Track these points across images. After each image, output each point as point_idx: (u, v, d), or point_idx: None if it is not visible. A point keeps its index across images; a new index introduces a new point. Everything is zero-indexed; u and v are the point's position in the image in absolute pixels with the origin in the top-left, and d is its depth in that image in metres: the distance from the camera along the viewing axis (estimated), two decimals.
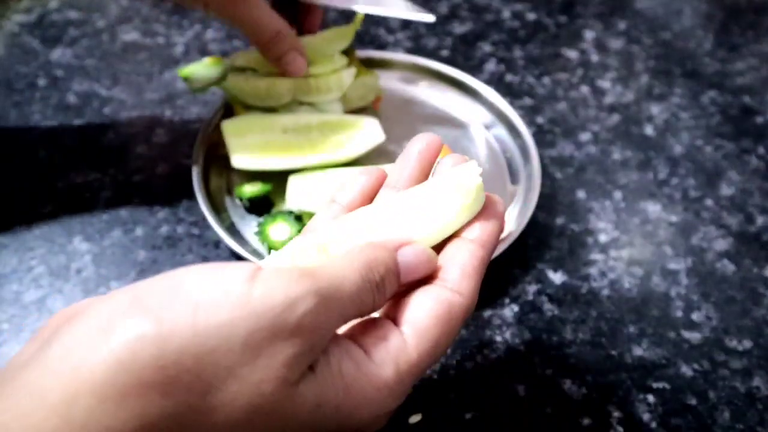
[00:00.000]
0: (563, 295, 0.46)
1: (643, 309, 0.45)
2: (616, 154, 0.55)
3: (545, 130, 0.57)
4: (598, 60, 0.64)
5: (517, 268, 0.47)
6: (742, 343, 0.44)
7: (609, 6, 0.70)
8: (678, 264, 0.48)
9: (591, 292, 0.46)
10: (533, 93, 0.60)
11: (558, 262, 0.48)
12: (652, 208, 0.52)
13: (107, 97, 0.57)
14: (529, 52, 0.64)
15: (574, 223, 0.50)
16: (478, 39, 0.65)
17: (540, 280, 0.47)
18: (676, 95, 0.61)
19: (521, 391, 0.41)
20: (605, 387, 0.41)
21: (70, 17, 0.65)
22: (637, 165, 0.55)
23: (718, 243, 0.50)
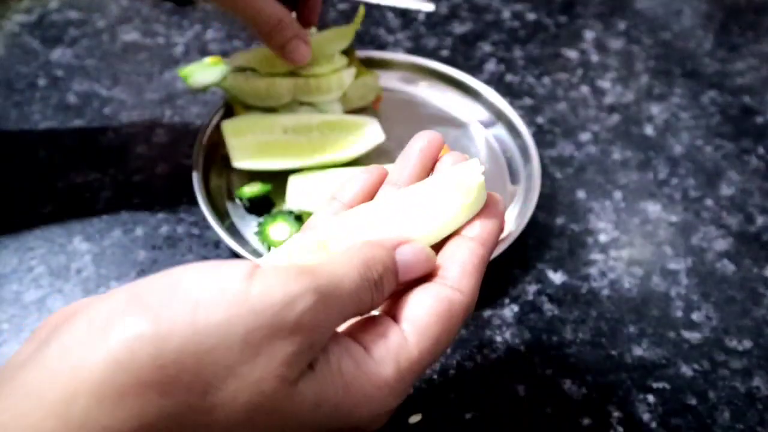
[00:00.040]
0: (563, 295, 0.46)
1: (643, 309, 0.45)
2: (616, 154, 0.55)
3: (545, 130, 0.57)
4: (598, 60, 0.64)
5: (517, 268, 0.47)
6: (742, 343, 0.44)
7: (609, 6, 0.70)
8: (678, 264, 0.48)
9: (591, 292, 0.46)
10: (533, 93, 0.60)
11: (558, 262, 0.48)
12: (652, 208, 0.52)
13: (107, 97, 0.57)
14: (529, 52, 0.64)
15: (574, 223, 0.50)
16: (478, 39, 0.65)
17: (540, 280, 0.47)
18: (676, 95, 0.61)
19: (521, 391, 0.41)
20: (605, 387, 0.41)
21: (71, 17, 0.65)
22: (637, 165, 0.55)
23: (718, 243, 0.50)
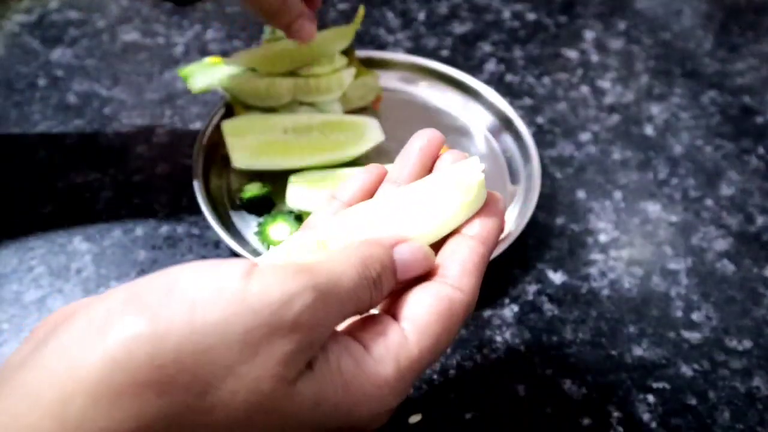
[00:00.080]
0: (563, 295, 0.46)
1: (643, 309, 0.45)
2: (616, 154, 0.55)
3: (545, 130, 0.57)
4: (598, 60, 0.64)
5: (517, 268, 0.47)
6: (742, 343, 0.44)
7: (609, 6, 0.70)
8: (678, 264, 0.48)
9: (591, 292, 0.46)
10: (533, 93, 0.60)
11: (558, 262, 0.48)
12: (652, 208, 0.52)
13: (107, 97, 0.57)
14: (529, 52, 0.64)
15: (574, 223, 0.50)
16: (478, 39, 0.65)
17: (540, 280, 0.47)
18: (676, 95, 0.61)
19: (521, 391, 0.41)
20: (605, 387, 0.41)
21: (71, 17, 0.65)
22: (637, 165, 0.55)
23: (718, 243, 0.50)
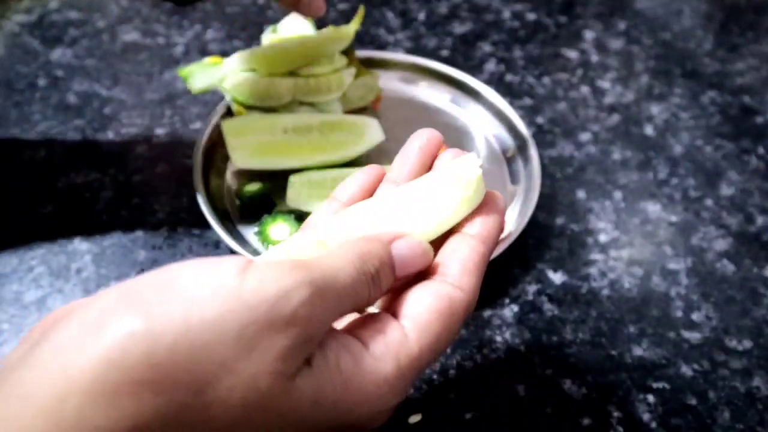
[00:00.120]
0: (563, 295, 0.46)
1: (643, 309, 0.45)
2: (616, 154, 0.55)
3: (545, 130, 0.57)
4: (598, 60, 0.64)
5: (517, 268, 0.47)
6: (742, 343, 0.44)
7: (609, 6, 0.70)
8: (678, 264, 0.48)
9: (591, 292, 0.46)
10: (533, 93, 0.60)
11: (558, 262, 0.48)
12: (652, 208, 0.52)
13: (107, 97, 0.57)
14: (529, 52, 0.64)
15: (574, 223, 0.50)
16: (478, 39, 0.65)
17: (540, 280, 0.47)
18: (676, 95, 0.61)
19: (521, 391, 0.41)
20: (605, 387, 0.41)
21: (71, 17, 0.65)
22: (637, 165, 0.55)
23: (718, 243, 0.50)
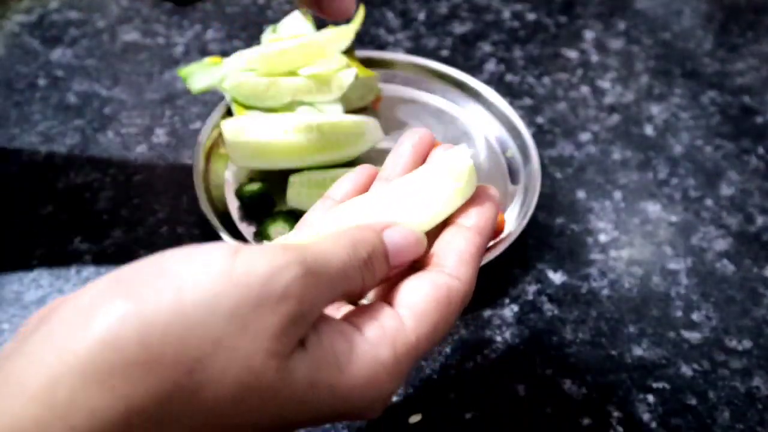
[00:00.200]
0: (563, 295, 0.46)
1: (643, 309, 0.45)
2: (616, 154, 0.55)
3: (545, 130, 0.57)
4: (598, 60, 0.64)
5: (517, 268, 0.47)
6: (742, 343, 0.44)
7: (609, 6, 0.70)
8: (678, 264, 0.48)
9: (591, 292, 0.46)
10: (533, 93, 0.60)
11: (558, 262, 0.48)
12: (652, 208, 0.52)
13: (107, 97, 0.57)
14: (529, 52, 0.64)
15: (574, 223, 0.50)
16: (478, 39, 0.65)
17: (540, 280, 0.47)
18: (676, 95, 0.61)
19: (521, 391, 0.41)
20: (605, 387, 0.41)
21: (71, 17, 0.65)
22: (637, 165, 0.55)
23: (718, 243, 0.50)
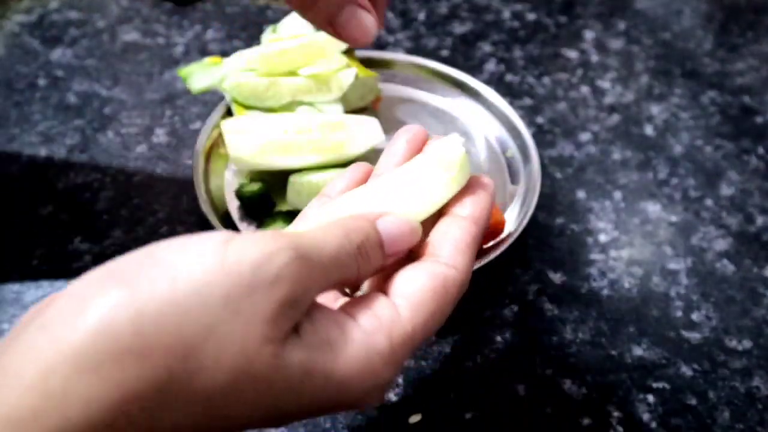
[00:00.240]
0: (563, 295, 0.46)
1: (643, 309, 0.45)
2: (616, 154, 0.55)
3: (545, 130, 0.57)
4: (598, 60, 0.64)
5: (517, 268, 0.47)
6: (742, 343, 0.44)
7: (609, 6, 0.70)
8: (678, 264, 0.48)
9: (591, 292, 0.46)
10: (533, 93, 0.60)
11: (558, 262, 0.48)
12: (652, 208, 0.52)
13: (107, 97, 0.57)
14: (529, 52, 0.64)
15: (574, 223, 0.50)
16: (478, 39, 0.65)
17: (540, 280, 0.47)
18: (676, 95, 0.61)
19: (521, 391, 0.41)
20: (605, 387, 0.41)
21: (71, 17, 0.65)
22: (637, 165, 0.55)
23: (718, 243, 0.50)
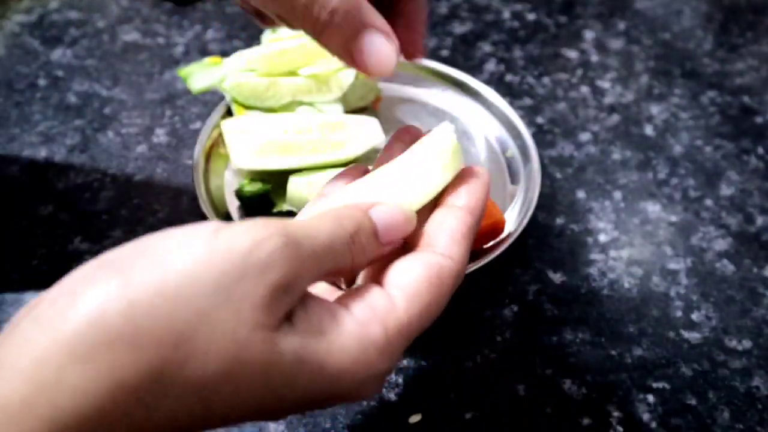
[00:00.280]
0: (563, 295, 0.46)
1: (643, 309, 0.45)
2: (616, 154, 0.55)
3: (545, 130, 0.57)
4: (598, 60, 0.64)
5: (517, 268, 0.47)
6: (741, 343, 0.44)
7: (609, 6, 0.70)
8: (678, 264, 0.48)
9: (591, 292, 0.46)
10: (533, 93, 0.60)
11: (558, 262, 0.48)
12: (652, 208, 0.52)
13: (107, 97, 0.57)
14: (529, 52, 0.64)
15: (574, 223, 0.50)
16: (478, 39, 0.65)
17: (540, 280, 0.47)
18: (675, 95, 0.61)
19: (521, 391, 0.41)
20: (605, 387, 0.41)
21: (71, 17, 0.65)
22: (636, 165, 0.55)
23: (718, 243, 0.50)
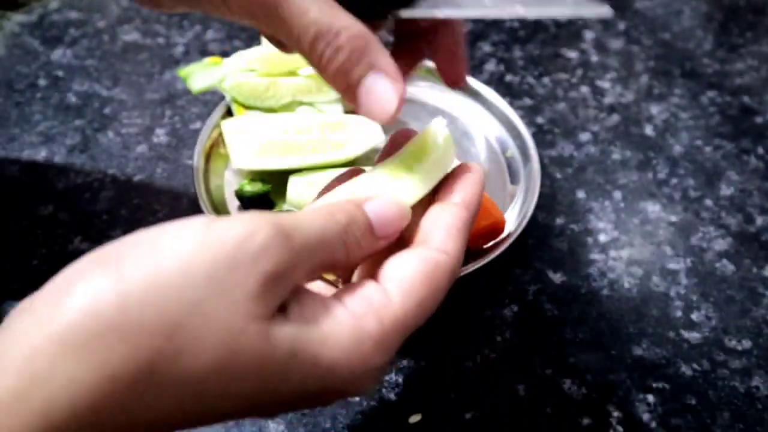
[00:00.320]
0: (563, 295, 0.46)
1: (643, 309, 0.45)
2: (616, 154, 0.55)
3: (545, 130, 0.57)
4: (598, 60, 0.64)
5: (517, 268, 0.47)
6: (741, 343, 0.44)
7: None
8: (678, 264, 0.48)
9: (591, 292, 0.46)
10: (533, 93, 0.60)
11: (558, 262, 0.48)
12: (652, 208, 0.52)
13: (107, 97, 0.57)
14: (529, 52, 0.64)
15: (574, 223, 0.50)
16: (478, 39, 0.65)
17: (540, 280, 0.47)
18: (675, 95, 0.61)
19: (521, 391, 0.41)
20: (605, 387, 0.41)
21: (71, 17, 0.65)
22: (636, 165, 0.55)
23: (718, 243, 0.50)
